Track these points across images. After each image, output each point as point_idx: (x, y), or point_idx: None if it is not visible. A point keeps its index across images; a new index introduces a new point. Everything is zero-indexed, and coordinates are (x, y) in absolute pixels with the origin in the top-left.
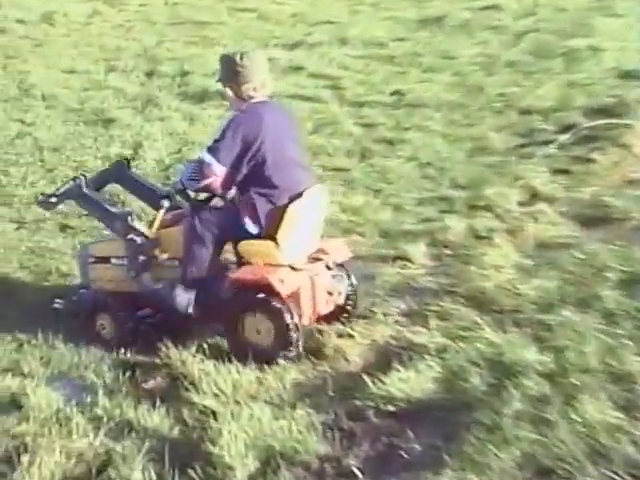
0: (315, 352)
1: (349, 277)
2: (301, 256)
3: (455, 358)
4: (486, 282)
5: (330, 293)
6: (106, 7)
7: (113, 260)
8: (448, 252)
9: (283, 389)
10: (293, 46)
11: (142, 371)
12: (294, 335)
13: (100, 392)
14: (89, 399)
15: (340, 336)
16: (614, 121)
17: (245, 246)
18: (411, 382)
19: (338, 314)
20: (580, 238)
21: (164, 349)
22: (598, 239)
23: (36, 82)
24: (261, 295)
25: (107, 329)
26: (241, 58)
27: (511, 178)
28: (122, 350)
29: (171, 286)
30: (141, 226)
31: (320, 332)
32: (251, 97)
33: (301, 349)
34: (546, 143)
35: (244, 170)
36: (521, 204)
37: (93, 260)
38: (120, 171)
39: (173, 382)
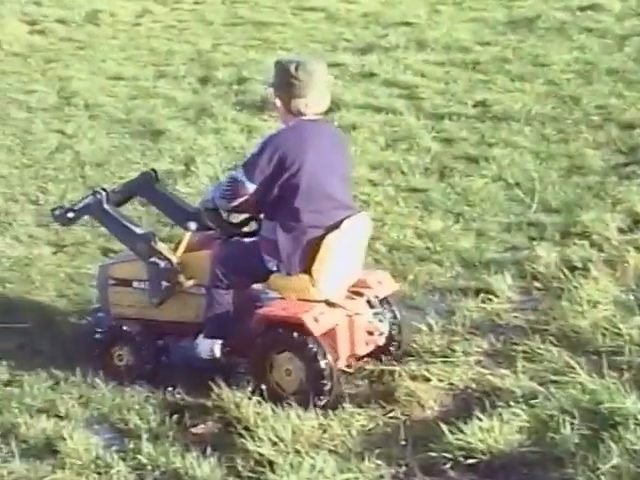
0: (385, 396)
1: (393, 313)
2: (339, 290)
3: (545, 406)
4: (581, 320)
5: (370, 333)
6: (157, 6)
7: (135, 283)
8: (538, 285)
9: (349, 437)
10: (365, 50)
11: (191, 414)
12: (328, 378)
13: (144, 437)
14: (132, 445)
15: (414, 378)
16: None
17: (277, 280)
18: (494, 432)
19: (380, 353)
20: None
21: (216, 389)
22: None
23: (78, 89)
24: (292, 333)
25: (125, 359)
26: (296, 69)
27: (611, 201)
28: (169, 389)
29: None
30: (165, 248)
31: (391, 373)
32: (301, 113)
33: (335, 394)
34: None
35: (275, 192)
36: (622, 231)
37: (113, 282)
38: (146, 184)
39: (226, 427)
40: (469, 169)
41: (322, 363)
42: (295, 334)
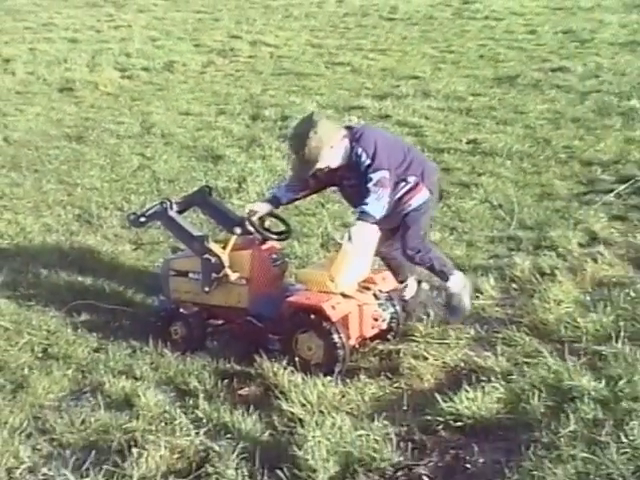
0: (392, 370)
1: (394, 305)
2: (352, 285)
3: (518, 382)
4: (548, 314)
5: (375, 319)
6: (219, 58)
7: (190, 275)
8: (515, 286)
9: (363, 402)
10: (382, 97)
11: (239, 380)
12: (341, 353)
13: (201, 397)
14: (191, 402)
15: (415, 357)
16: None
17: (303, 275)
18: (478, 402)
19: (382, 336)
20: (634, 278)
21: (259, 360)
22: None
23: (156, 122)
24: (314, 317)
25: (179, 333)
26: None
27: (573, 222)
28: (224, 360)
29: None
30: (216, 247)
31: (397, 352)
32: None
33: (345, 367)
34: (605, 192)
35: None
36: (581, 246)
37: (173, 273)
38: (202, 197)
39: (266, 391)
40: (462, 193)
41: (336, 338)
42: (316, 318)
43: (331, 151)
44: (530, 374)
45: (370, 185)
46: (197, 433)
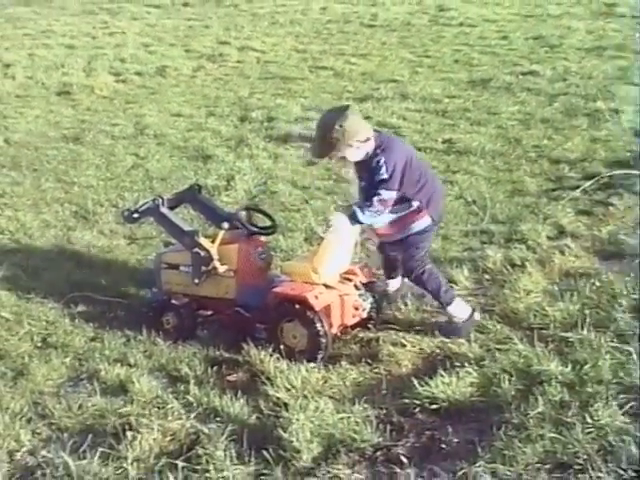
0: (372, 356)
1: (373, 296)
2: (334, 276)
3: (490, 367)
4: (518, 303)
5: (356, 308)
6: (209, 63)
7: (181, 267)
8: (487, 277)
9: (344, 387)
10: (362, 99)
11: (227, 366)
12: (324, 341)
13: (192, 382)
14: (182, 388)
15: (394, 344)
16: (629, 172)
17: (288, 267)
18: (452, 386)
19: (363, 325)
20: (599, 269)
21: (246, 348)
22: (614, 271)
23: (149, 123)
24: (298, 306)
25: (171, 323)
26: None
27: (542, 217)
28: (213, 348)
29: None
30: (205, 242)
31: (377, 340)
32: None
33: (328, 353)
34: (572, 188)
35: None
36: (550, 239)
37: (165, 266)
38: (192, 194)
39: (253, 377)
40: None
41: (319, 326)
42: (301, 307)
43: (349, 149)
44: (501, 359)
45: (375, 199)
46: (188, 417)
